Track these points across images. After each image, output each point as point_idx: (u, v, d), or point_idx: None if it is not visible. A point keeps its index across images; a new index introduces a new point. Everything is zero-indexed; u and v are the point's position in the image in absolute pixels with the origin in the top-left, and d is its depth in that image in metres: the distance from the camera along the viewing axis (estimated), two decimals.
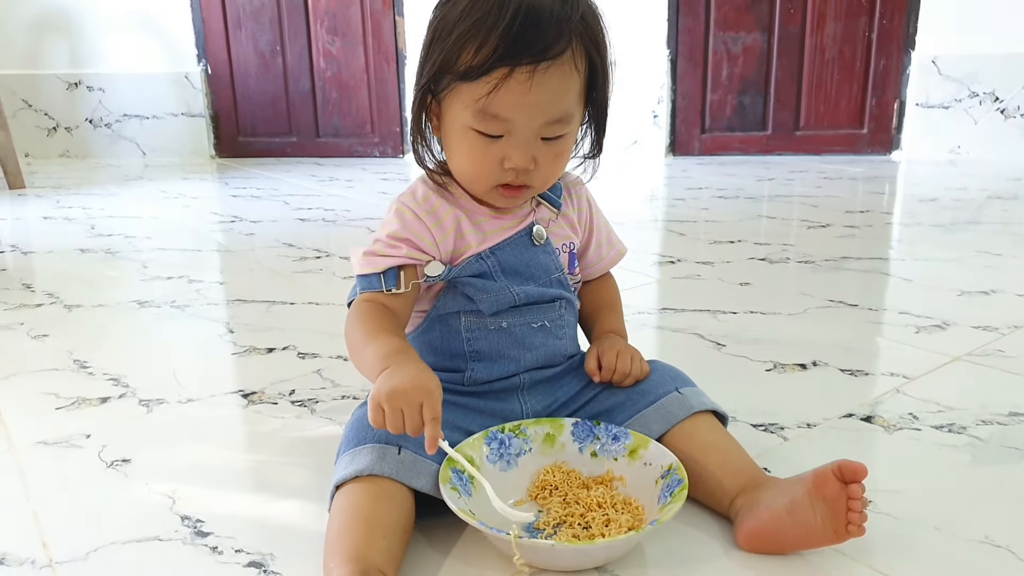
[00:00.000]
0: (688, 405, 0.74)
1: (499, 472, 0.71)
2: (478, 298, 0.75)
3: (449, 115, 0.70)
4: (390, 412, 0.61)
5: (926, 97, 2.94)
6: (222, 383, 1.03)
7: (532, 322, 0.77)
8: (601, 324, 0.84)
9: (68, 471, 0.81)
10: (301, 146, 3.45)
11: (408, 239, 0.74)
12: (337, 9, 3.30)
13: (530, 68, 0.64)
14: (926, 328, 1.16)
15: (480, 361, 0.77)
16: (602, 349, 0.78)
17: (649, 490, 0.69)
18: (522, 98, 0.65)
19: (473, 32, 0.65)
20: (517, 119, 0.67)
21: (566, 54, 0.66)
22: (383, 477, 0.63)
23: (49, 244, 1.90)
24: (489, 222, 0.76)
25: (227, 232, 2.02)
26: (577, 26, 0.67)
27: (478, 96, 0.66)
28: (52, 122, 3.47)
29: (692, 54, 3.13)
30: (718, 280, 1.45)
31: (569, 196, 0.82)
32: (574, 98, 0.69)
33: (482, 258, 0.75)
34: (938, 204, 2.15)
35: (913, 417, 0.88)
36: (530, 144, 0.69)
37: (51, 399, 0.98)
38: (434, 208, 0.75)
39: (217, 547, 0.67)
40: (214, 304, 1.39)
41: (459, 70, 0.66)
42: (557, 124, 0.69)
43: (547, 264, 0.78)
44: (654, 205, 2.34)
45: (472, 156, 0.70)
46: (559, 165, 0.73)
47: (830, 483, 0.60)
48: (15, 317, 1.32)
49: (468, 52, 0.65)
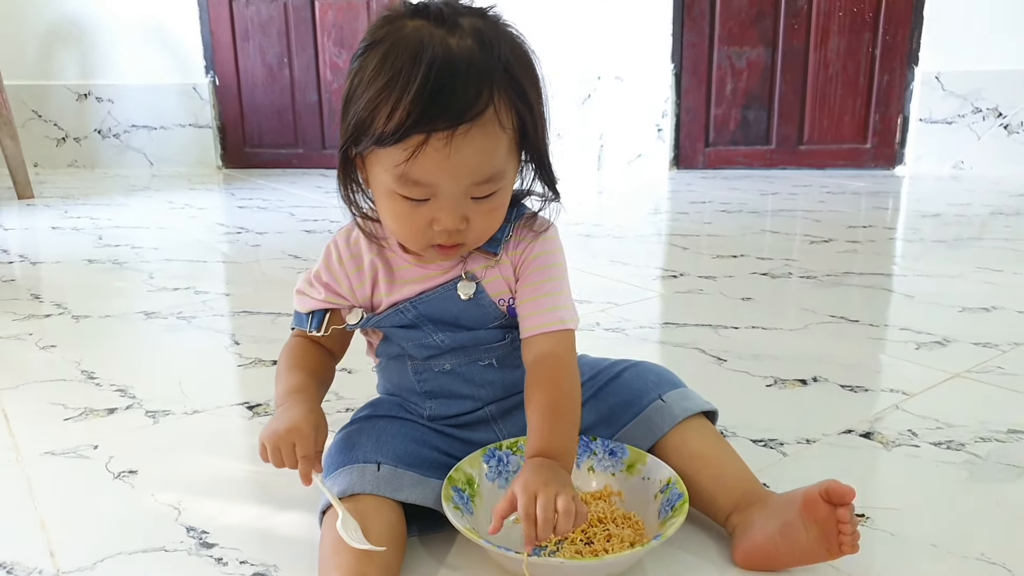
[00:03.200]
0: (672, 415, 0.73)
1: (498, 490, 0.71)
2: (405, 345, 0.74)
3: (372, 175, 0.66)
4: (271, 451, 0.65)
5: (929, 112, 2.95)
6: (227, 395, 1.04)
7: (479, 360, 0.75)
8: (529, 440, 0.66)
9: (75, 481, 0.82)
10: (307, 157, 3.47)
11: (327, 284, 0.74)
12: (344, 22, 3.34)
13: (447, 133, 0.59)
14: (927, 344, 1.17)
15: (435, 399, 0.76)
16: (516, 488, 0.60)
17: (648, 504, 0.69)
18: (442, 164, 0.60)
19: (385, 95, 0.59)
20: (441, 183, 0.62)
21: (487, 113, 0.60)
22: (366, 495, 0.65)
23: (57, 254, 1.92)
24: (411, 270, 0.72)
25: (233, 243, 2.04)
26: (500, 78, 0.61)
27: (397, 162, 0.61)
28: (61, 132, 3.50)
29: (696, 69, 3.14)
30: (720, 295, 1.46)
31: (517, 243, 0.72)
32: (502, 155, 0.63)
33: (401, 311, 0.72)
34: (941, 220, 2.16)
35: (912, 434, 0.88)
36: (459, 205, 0.64)
37: (59, 409, 0.99)
38: (357, 254, 0.73)
39: (222, 558, 0.68)
40: (220, 315, 1.40)
41: (374, 134, 0.61)
42: (486, 184, 0.63)
43: (479, 316, 0.73)
44: (657, 219, 2.35)
45: (400, 219, 0.66)
46: (494, 219, 0.68)
47: (819, 506, 0.60)
48: (24, 327, 1.34)
49: (381, 116, 0.60)
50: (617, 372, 0.79)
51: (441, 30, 0.60)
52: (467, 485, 0.69)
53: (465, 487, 0.68)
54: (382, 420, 0.74)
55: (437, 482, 0.68)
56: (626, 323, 1.30)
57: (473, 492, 0.69)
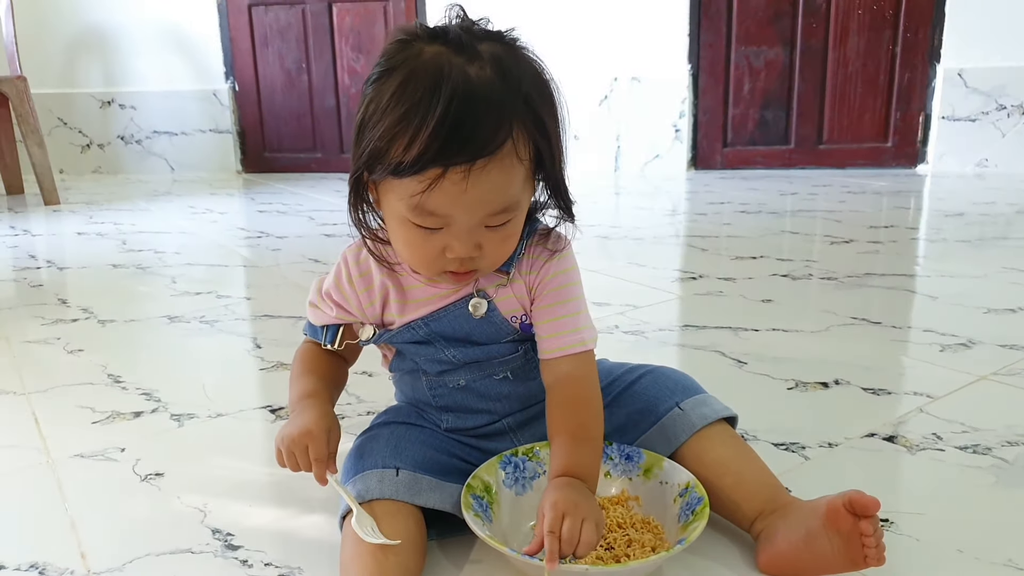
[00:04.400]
0: (690, 424, 0.73)
1: (515, 496, 0.71)
2: (418, 360, 0.75)
3: (386, 202, 0.65)
4: (285, 455, 0.67)
5: (952, 110, 2.91)
6: (250, 398, 1.06)
7: (493, 375, 0.74)
8: (553, 459, 0.67)
9: (104, 484, 0.84)
10: (326, 162, 3.50)
11: (338, 303, 0.74)
12: (362, 27, 3.36)
13: (465, 168, 0.58)
14: (951, 346, 1.16)
15: (451, 413, 0.76)
16: (545, 506, 0.60)
17: (667, 509, 0.69)
18: (459, 197, 0.60)
19: (403, 126, 0.58)
20: (456, 215, 0.61)
21: (505, 147, 0.59)
22: (385, 500, 0.65)
23: (83, 260, 1.95)
24: (423, 289, 0.72)
25: (254, 248, 2.06)
26: (519, 110, 0.60)
27: (412, 192, 0.60)
28: (85, 139, 3.55)
29: (714, 69, 3.13)
30: (740, 297, 1.46)
31: (531, 263, 0.71)
32: (518, 186, 0.63)
33: (413, 328, 0.72)
34: (964, 219, 2.13)
35: (937, 437, 0.88)
36: (473, 234, 0.63)
37: (87, 413, 1.01)
38: (367, 273, 0.73)
39: (247, 560, 0.68)
40: (241, 319, 1.42)
41: (390, 164, 0.60)
42: (501, 214, 0.63)
43: (492, 332, 0.72)
44: (676, 220, 2.35)
45: (412, 247, 0.65)
46: (507, 246, 0.67)
47: (842, 517, 0.60)
48: (52, 332, 1.36)
49: (398, 147, 0.59)
50: (634, 379, 0.78)
51: (460, 58, 0.59)
52: (485, 492, 0.69)
53: (483, 494, 0.69)
54: (400, 427, 0.74)
55: (455, 486, 0.68)
56: (645, 326, 1.30)
57: (492, 499, 0.69)
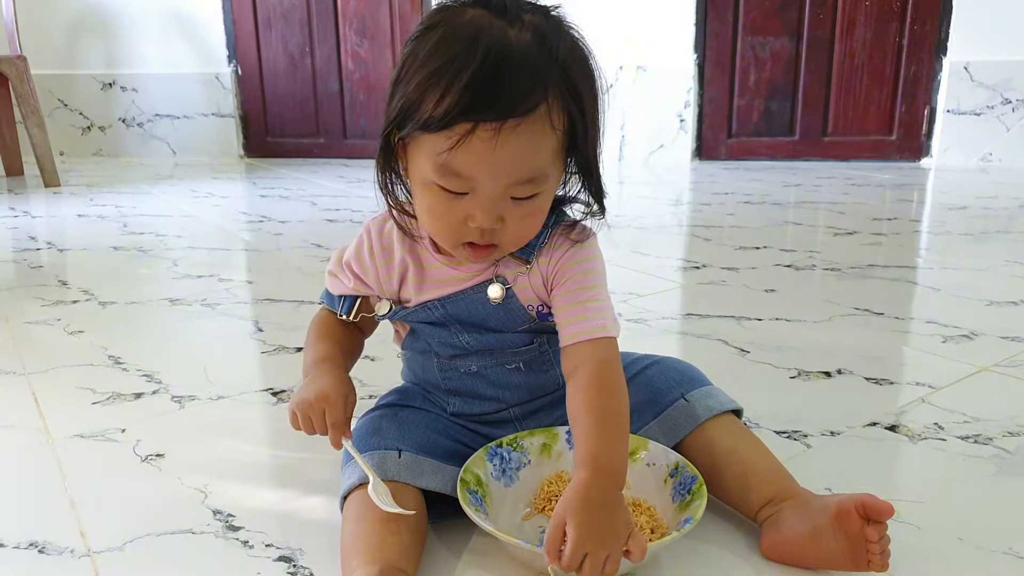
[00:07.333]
0: (694, 415, 0.72)
1: (503, 488, 0.71)
2: (431, 342, 0.74)
3: (413, 164, 0.64)
4: (301, 418, 0.67)
5: (957, 104, 2.90)
6: (251, 381, 1.05)
7: (505, 364, 0.74)
8: (577, 445, 0.62)
9: (104, 464, 0.84)
10: (329, 147, 3.49)
11: (357, 274, 0.74)
12: (366, 11, 3.34)
13: (495, 125, 0.57)
14: (953, 338, 1.15)
15: (459, 397, 0.76)
16: (569, 530, 0.56)
17: (657, 490, 0.69)
18: (486, 157, 0.58)
19: (436, 79, 0.58)
20: (480, 178, 0.60)
21: (539, 110, 0.58)
22: (387, 481, 0.65)
23: (83, 242, 1.95)
24: (442, 270, 0.71)
25: (255, 232, 2.05)
26: (555, 77, 0.59)
27: (440, 150, 0.59)
28: (86, 121, 3.54)
29: (720, 59, 3.11)
30: (743, 286, 1.45)
31: (551, 252, 0.69)
32: (547, 157, 0.61)
33: (429, 308, 0.71)
34: (968, 212, 2.13)
35: (938, 427, 0.87)
36: (496, 203, 0.62)
37: (87, 394, 1.01)
38: (389, 247, 0.72)
39: (248, 541, 0.68)
40: (243, 303, 1.42)
41: (420, 119, 0.59)
42: (527, 184, 0.61)
43: (508, 319, 0.71)
44: (680, 210, 2.34)
45: (435, 212, 0.64)
46: (530, 225, 0.65)
47: (852, 519, 0.59)
48: (52, 313, 1.36)
49: (430, 100, 0.58)
50: (640, 369, 0.77)
51: (501, 21, 0.59)
52: (478, 485, 0.69)
53: (476, 488, 0.68)
54: (405, 409, 0.74)
55: (457, 469, 0.69)
56: (648, 314, 1.30)
57: (484, 492, 0.69)
